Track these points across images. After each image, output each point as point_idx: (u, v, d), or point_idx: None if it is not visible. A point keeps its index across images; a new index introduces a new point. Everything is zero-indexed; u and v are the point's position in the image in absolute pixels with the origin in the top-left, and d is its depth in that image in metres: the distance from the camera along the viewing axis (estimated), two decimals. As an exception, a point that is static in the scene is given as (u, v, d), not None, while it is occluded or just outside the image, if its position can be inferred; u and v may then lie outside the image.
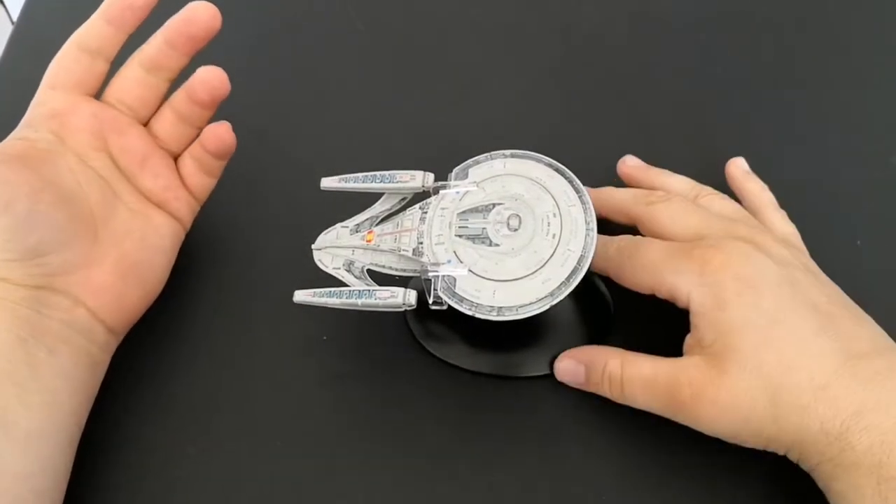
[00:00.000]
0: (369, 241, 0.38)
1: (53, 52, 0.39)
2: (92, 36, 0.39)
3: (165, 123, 0.41)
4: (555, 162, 0.38)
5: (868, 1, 0.55)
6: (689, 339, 0.36)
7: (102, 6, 0.39)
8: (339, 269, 0.39)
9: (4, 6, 1.18)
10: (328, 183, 0.40)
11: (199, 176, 0.41)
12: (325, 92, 0.51)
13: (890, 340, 0.35)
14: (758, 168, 0.44)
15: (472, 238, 0.37)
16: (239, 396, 0.40)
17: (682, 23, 0.54)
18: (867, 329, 0.35)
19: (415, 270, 0.37)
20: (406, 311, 0.40)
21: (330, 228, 0.40)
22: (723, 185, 0.43)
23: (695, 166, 0.44)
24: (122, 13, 0.39)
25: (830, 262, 0.39)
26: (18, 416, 0.33)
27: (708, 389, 0.34)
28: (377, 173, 0.39)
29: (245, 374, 0.40)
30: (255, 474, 0.38)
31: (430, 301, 0.36)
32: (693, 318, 0.35)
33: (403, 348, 0.41)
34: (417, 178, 0.38)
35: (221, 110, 0.41)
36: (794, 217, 0.41)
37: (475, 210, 0.37)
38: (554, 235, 0.36)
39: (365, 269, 0.39)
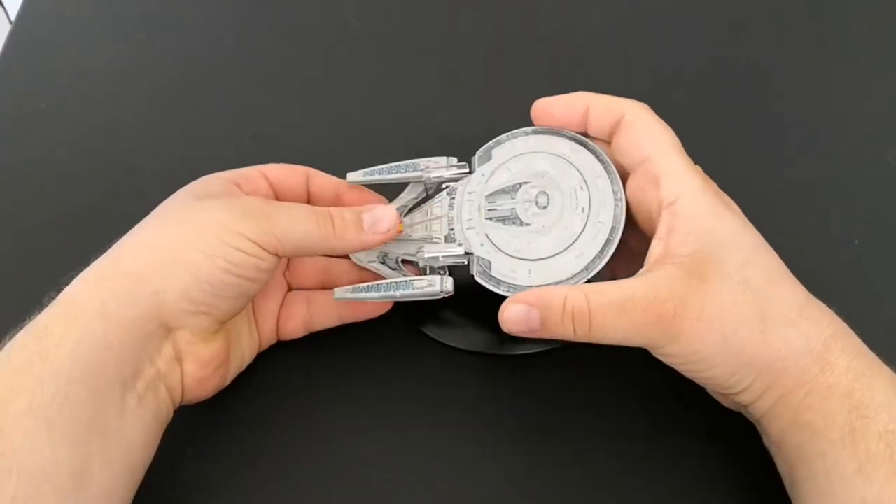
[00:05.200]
0: (399, 231, 0.38)
1: (52, 51, 0.39)
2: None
3: (309, 261, 0.41)
4: (577, 135, 0.38)
5: (867, 1, 0.55)
6: (655, 248, 0.34)
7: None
8: (373, 262, 0.39)
9: (3, 5, 1.18)
10: (354, 177, 0.40)
11: (301, 325, 0.40)
12: (323, 91, 0.51)
13: None
14: (757, 168, 0.44)
15: (503, 220, 0.37)
16: (237, 394, 0.40)
17: (681, 23, 0.54)
18: None
19: (459, 262, 0.38)
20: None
21: None
22: (723, 187, 0.43)
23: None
24: None
25: (829, 261, 0.39)
26: (96, 471, 0.31)
27: (692, 299, 0.32)
28: (400, 163, 0.39)
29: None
30: (253, 468, 0.38)
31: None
32: (674, 222, 0.33)
33: (399, 328, 0.41)
34: (440, 163, 0.38)
35: (216, 112, 0.41)
36: (792, 216, 0.41)
37: (502, 191, 0.37)
38: (583, 209, 0.36)
39: (399, 259, 0.39)
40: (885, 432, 0.30)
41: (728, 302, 0.32)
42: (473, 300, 0.37)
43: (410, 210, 0.40)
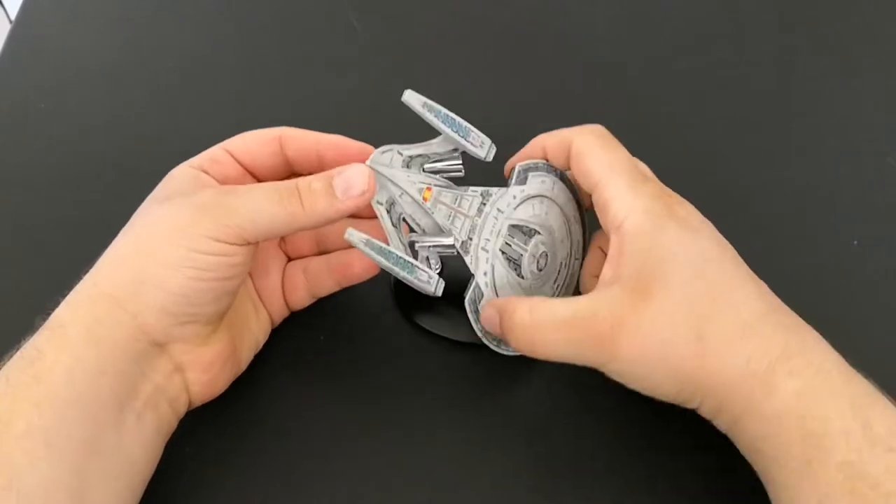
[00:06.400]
0: (426, 199, 0.37)
1: (51, 51, 0.39)
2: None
3: (300, 237, 0.40)
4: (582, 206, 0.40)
5: (866, 2, 0.55)
6: (606, 272, 0.34)
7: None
8: (381, 204, 0.37)
9: (3, 5, 1.18)
10: (411, 97, 0.37)
11: (306, 294, 0.40)
12: (323, 91, 0.51)
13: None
14: (757, 169, 0.44)
15: (510, 259, 0.37)
16: (236, 393, 0.40)
17: (682, 24, 0.54)
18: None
19: (449, 253, 0.37)
20: (392, 280, 0.42)
21: (387, 147, 0.37)
22: (723, 187, 0.43)
23: (694, 167, 0.44)
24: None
25: (828, 262, 0.39)
26: (95, 489, 0.31)
27: (630, 317, 0.31)
28: (456, 119, 0.37)
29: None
30: (252, 466, 0.38)
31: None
32: (620, 241, 0.33)
33: (388, 317, 0.41)
34: (483, 148, 0.38)
35: (216, 112, 0.41)
36: (792, 217, 0.41)
37: (522, 230, 0.38)
38: (559, 286, 0.39)
39: (402, 216, 0.38)
40: (844, 463, 0.29)
41: (666, 320, 0.31)
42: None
43: (435, 162, 0.38)
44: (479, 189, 0.38)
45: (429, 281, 0.36)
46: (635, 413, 0.38)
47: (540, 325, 0.33)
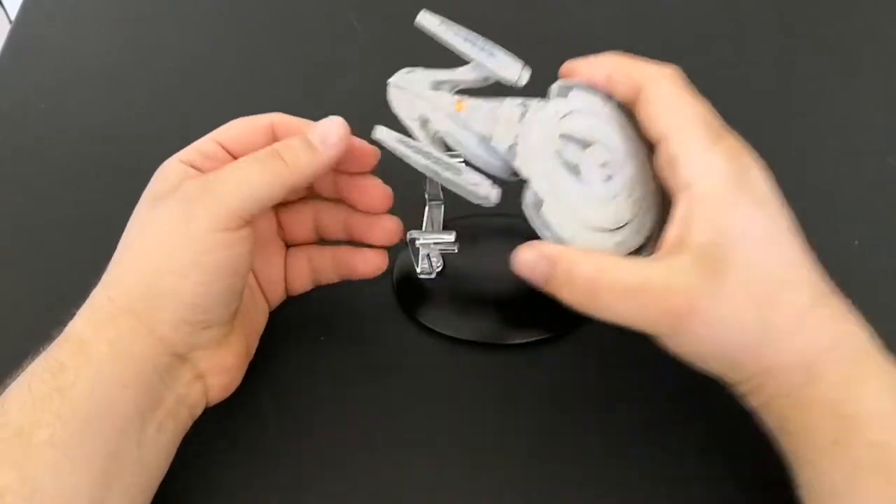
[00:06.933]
0: (459, 110, 0.34)
1: (51, 51, 0.39)
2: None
3: (297, 216, 0.40)
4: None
5: (866, 2, 0.55)
6: (671, 232, 0.32)
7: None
8: (414, 120, 0.35)
9: (3, 6, 1.18)
10: (426, 19, 0.36)
11: (307, 280, 0.40)
12: (323, 91, 0.51)
13: None
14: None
15: (567, 167, 0.34)
16: (236, 392, 0.40)
17: (682, 24, 0.54)
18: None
19: (488, 165, 0.34)
20: (393, 278, 0.40)
21: (412, 68, 0.36)
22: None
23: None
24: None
25: (828, 263, 0.39)
26: (115, 496, 0.31)
27: (702, 298, 0.30)
28: (479, 38, 0.35)
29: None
30: (252, 466, 0.38)
31: (418, 269, 0.35)
32: (689, 203, 0.31)
33: (389, 315, 0.41)
34: (513, 69, 0.35)
35: (216, 112, 0.41)
36: (792, 217, 0.41)
37: (573, 138, 0.34)
38: (635, 202, 0.34)
39: (438, 135, 0.35)
40: (875, 442, 0.29)
41: (734, 305, 0.31)
42: (469, 289, 0.37)
43: (463, 91, 0.36)
44: (518, 98, 0.34)
45: (479, 184, 0.33)
46: (640, 413, 0.38)
47: (608, 287, 0.31)
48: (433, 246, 0.37)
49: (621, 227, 0.34)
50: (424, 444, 0.38)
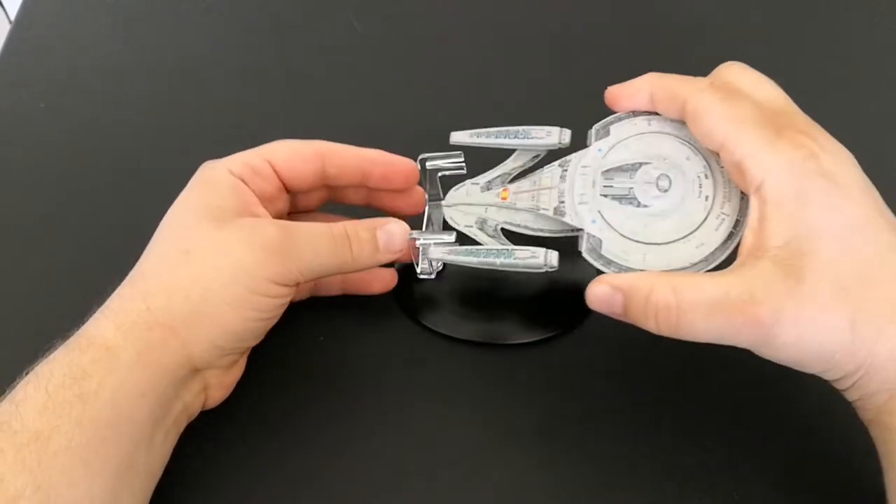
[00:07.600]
0: (504, 198, 0.37)
1: (51, 52, 0.40)
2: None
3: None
4: None
5: (866, 3, 0.55)
6: (748, 238, 0.31)
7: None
8: (471, 227, 0.38)
9: (2, 6, 1.18)
10: (458, 137, 0.38)
11: (304, 292, 0.41)
12: (323, 92, 0.51)
13: None
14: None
15: (619, 198, 0.34)
16: (236, 392, 0.40)
17: (681, 24, 0.54)
18: None
19: (553, 231, 0.36)
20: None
21: (459, 185, 0.39)
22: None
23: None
24: None
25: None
26: (124, 502, 0.32)
27: (788, 304, 0.29)
28: (510, 129, 0.37)
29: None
30: (252, 463, 0.38)
31: (418, 269, 0.36)
32: (762, 206, 0.31)
33: (389, 315, 0.41)
34: (554, 135, 0.37)
35: (216, 112, 0.41)
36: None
37: (620, 169, 0.35)
38: (707, 198, 0.34)
39: (499, 227, 0.38)
40: None
41: (822, 305, 0.29)
42: (469, 289, 0.37)
43: (514, 178, 0.38)
44: (556, 162, 0.36)
45: (534, 255, 0.35)
46: (643, 413, 0.38)
47: (689, 308, 0.30)
48: (433, 246, 0.37)
49: (695, 230, 0.34)
50: (424, 444, 0.38)
